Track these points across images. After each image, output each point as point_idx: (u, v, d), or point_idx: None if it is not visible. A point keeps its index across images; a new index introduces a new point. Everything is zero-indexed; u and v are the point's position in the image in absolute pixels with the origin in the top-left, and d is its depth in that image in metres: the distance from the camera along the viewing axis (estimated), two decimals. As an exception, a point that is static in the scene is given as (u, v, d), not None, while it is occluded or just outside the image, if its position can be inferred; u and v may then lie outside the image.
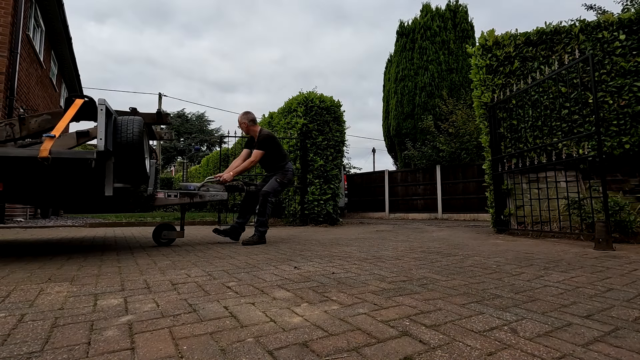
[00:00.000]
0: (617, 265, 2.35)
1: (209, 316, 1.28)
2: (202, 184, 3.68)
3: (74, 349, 0.99)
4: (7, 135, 2.86)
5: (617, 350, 0.97)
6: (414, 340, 1.04)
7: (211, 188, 3.62)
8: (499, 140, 5.03)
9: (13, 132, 2.88)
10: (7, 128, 2.87)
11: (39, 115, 2.95)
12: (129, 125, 2.82)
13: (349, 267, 2.32)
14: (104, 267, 2.36)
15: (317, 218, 7.65)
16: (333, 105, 8.23)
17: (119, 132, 2.76)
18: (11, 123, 2.88)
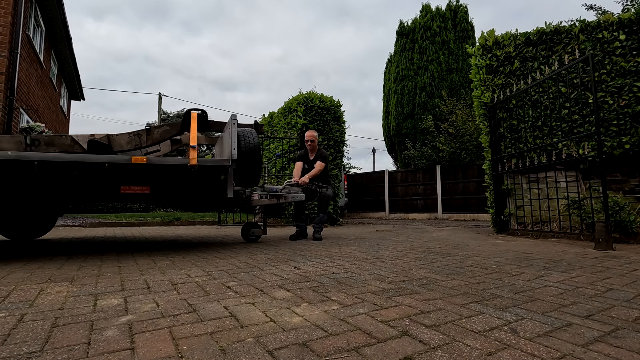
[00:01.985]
0: (617, 265, 2.35)
1: (209, 316, 1.28)
2: (284, 186, 4.09)
3: (74, 349, 0.99)
4: (136, 144, 3.31)
5: (617, 351, 0.97)
6: (414, 340, 1.04)
7: (292, 190, 4.04)
8: (499, 140, 5.03)
9: (140, 142, 3.33)
10: (136, 138, 3.32)
11: (160, 127, 3.41)
12: (249, 136, 3.42)
13: (349, 267, 2.32)
14: (104, 267, 2.36)
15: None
16: (333, 105, 8.23)
17: (242, 142, 3.29)
18: (139, 133, 3.32)
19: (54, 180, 2.86)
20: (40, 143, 3.08)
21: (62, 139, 3.17)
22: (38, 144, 3.06)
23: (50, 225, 4.74)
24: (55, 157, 2.63)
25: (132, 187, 3.03)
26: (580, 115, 4.49)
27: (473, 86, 5.41)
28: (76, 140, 3.18)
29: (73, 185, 2.93)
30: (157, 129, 3.37)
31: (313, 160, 4.66)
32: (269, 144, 8.63)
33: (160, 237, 4.96)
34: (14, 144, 2.99)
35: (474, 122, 10.67)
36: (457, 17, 14.77)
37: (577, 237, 3.98)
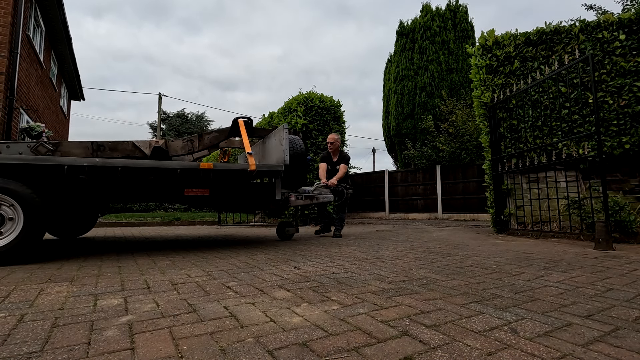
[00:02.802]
0: (617, 265, 2.35)
1: (209, 316, 1.28)
2: (315, 187, 4.40)
3: (74, 349, 0.99)
4: (189, 149, 3.56)
5: (617, 350, 0.97)
6: (414, 340, 1.04)
7: (322, 191, 4.30)
8: (499, 140, 5.03)
9: (192, 147, 3.57)
10: (189, 144, 3.56)
11: (210, 133, 3.67)
12: (296, 143, 3.76)
13: (349, 267, 2.32)
14: (103, 267, 2.36)
15: (317, 218, 7.65)
16: (333, 105, 8.23)
17: (290, 148, 3.53)
18: (191, 139, 3.58)
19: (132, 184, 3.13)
20: (105, 148, 3.25)
21: (124, 144, 3.37)
22: (103, 149, 3.24)
23: (92, 224, 4.94)
24: (136, 164, 2.89)
25: (194, 189, 3.30)
26: (580, 115, 4.49)
27: (473, 86, 5.41)
28: (137, 146, 3.39)
29: (146, 188, 3.20)
30: (207, 135, 3.65)
31: (336, 162, 5.02)
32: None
33: (160, 237, 4.96)
34: (82, 149, 3.15)
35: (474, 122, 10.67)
36: (457, 17, 14.77)
37: (577, 237, 3.98)
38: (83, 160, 2.69)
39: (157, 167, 2.95)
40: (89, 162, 2.69)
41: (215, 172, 3.10)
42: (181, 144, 3.54)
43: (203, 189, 3.32)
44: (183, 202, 3.70)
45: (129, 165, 2.84)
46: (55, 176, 2.76)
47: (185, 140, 3.54)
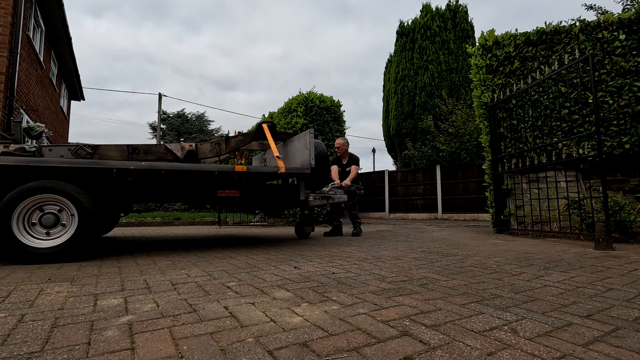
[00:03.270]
0: (617, 265, 2.35)
1: (209, 316, 1.28)
2: (330, 188, 4.58)
3: (74, 349, 0.99)
4: (216, 152, 3.74)
5: (617, 350, 0.97)
6: (414, 340, 1.04)
7: (337, 192, 4.45)
8: (499, 140, 5.03)
9: (220, 150, 3.74)
10: (216, 147, 3.73)
11: (236, 137, 3.86)
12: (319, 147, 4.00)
13: (349, 267, 2.32)
14: (104, 267, 2.36)
15: (317, 218, 7.65)
16: (333, 105, 8.23)
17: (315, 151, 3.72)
18: (219, 143, 3.76)
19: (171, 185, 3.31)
20: (139, 151, 3.42)
21: (157, 147, 3.55)
22: (138, 152, 3.41)
23: (115, 223, 5.11)
24: (178, 167, 3.07)
25: (226, 191, 3.46)
26: (580, 115, 4.49)
27: (473, 86, 5.41)
28: (169, 149, 3.56)
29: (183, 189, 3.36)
30: (234, 139, 3.85)
31: (346, 164, 5.25)
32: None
33: (160, 237, 4.96)
34: (118, 152, 3.32)
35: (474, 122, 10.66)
36: (457, 17, 14.76)
37: (577, 237, 3.98)
38: (130, 164, 2.86)
39: (196, 170, 3.15)
40: (136, 165, 2.85)
41: (248, 174, 3.29)
42: (209, 147, 3.72)
43: (234, 191, 3.48)
44: (215, 203, 3.94)
45: (171, 168, 3.02)
46: (104, 178, 2.90)
47: (213, 144, 3.73)
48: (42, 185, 2.57)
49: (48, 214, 2.62)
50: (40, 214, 2.61)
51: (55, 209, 2.65)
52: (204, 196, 3.44)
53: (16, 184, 2.56)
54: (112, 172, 2.79)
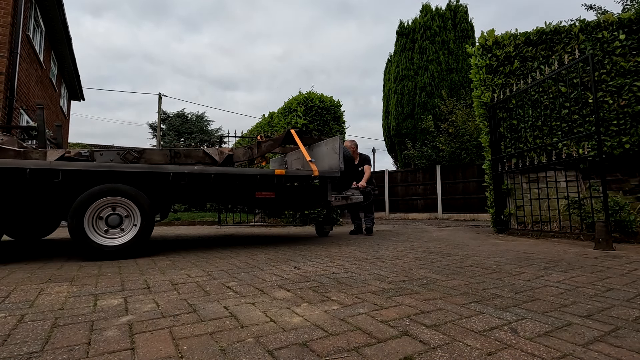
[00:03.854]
0: (617, 265, 2.35)
1: (209, 316, 1.28)
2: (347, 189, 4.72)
3: (74, 349, 0.99)
4: (249, 156, 3.95)
5: (617, 350, 0.97)
6: (414, 340, 1.04)
7: (354, 193, 4.60)
8: (499, 140, 5.03)
9: (252, 154, 3.94)
10: (249, 151, 3.93)
11: (266, 142, 4.03)
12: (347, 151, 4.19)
13: (349, 267, 2.32)
14: (104, 267, 2.36)
15: (317, 218, 7.65)
16: (333, 105, 8.23)
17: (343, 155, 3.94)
18: (251, 147, 3.96)
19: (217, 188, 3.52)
20: (180, 155, 3.60)
21: (196, 151, 3.72)
22: (179, 156, 3.59)
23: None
24: (226, 171, 3.25)
25: (263, 192, 3.69)
26: (580, 115, 4.49)
27: (473, 86, 5.41)
28: (207, 153, 3.74)
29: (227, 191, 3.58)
30: (264, 143, 4.05)
31: (358, 164, 5.30)
32: (269, 144, 8.63)
33: (160, 237, 4.96)
34: (162, 156, 3.51)
35: (474, 122, 10.66)
36: (457, 17, 14.76)
37: (577, 236, 3.98)
38: (184, 168, 3.02)
39: (241, 174, 3.37)
40: (189, 169, 3.02)
41: (286, 177, 3.50)
42: (243, 151, 3.93)
43: (270, 192, 3.72)
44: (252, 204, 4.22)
45: (220, 172, 3.20)
46: (161, 182, 3.09)
47: (246, 148, 3.96)
48: (110, 188, 2.75)
49: (114, 215, 2.79)
50: (107, 215, 2.78)
51: (121, 211, 2.83)
52: (244, 197, 3.70)
53: (86, 186, 2.73)
54: (169, 176, 2.96)
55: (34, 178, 2.64)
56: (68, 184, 2.76)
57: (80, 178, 2.78)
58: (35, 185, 2.74)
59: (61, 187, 2.79)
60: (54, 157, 3.02)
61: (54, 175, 2.61)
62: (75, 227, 2.60)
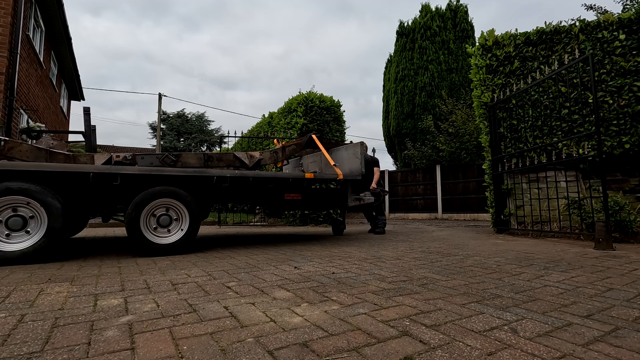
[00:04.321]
0: (617, 265, 2.35)
1: (209, 316, 1.28)
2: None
3: (74, 349, 0.99)
4: (275, 159, 4.22)
5: (617, 350, 0.97)
6: (414, 340, 1.04)
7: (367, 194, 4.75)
8: (499, 140, 5.03)
9: (277, 157, 4.21)
10: (275, 155, 4.21)
11: (290, 146, 4.38)
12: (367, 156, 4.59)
13: (349, 267, 2.32)
14: (104, 267, 2.36)
15: (317, 218, 7.65)
16: (333, 105, 8.23)
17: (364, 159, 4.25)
18: (276, 151, 4.23)
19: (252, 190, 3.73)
20: (213, 159, 3.80)
21: (227, 155, 3.96)
22: (212, 160, 3.79)
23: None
24: (262, 175, 3.51)
25: (291, 194, 3.92)
26: (580, 115, 4.49)
27: (473, 86, 5.41)
28: (237, 157, 3.96)
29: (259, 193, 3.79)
30: (288, 148, 4.35)
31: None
32: (269, 144, 8.63)
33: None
34: (196, 160, 3.71)
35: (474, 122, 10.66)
36: (457, 17, 14.76)
37: (577, 236, 3.98)
38: (226, 172, 3.27)
39: (276, 177, 3.70)
40: (231, 173, 3.26)
41: (315, 180, 3.81)
42: (269, 155, 4.19)
43: (298, 194, 3.95)
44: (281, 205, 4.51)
45: (257, 175, 3.45)
46: (206, 184, 3.31)
47: (272, 152, 4.23)
48: (164, 190, 2.97)
49: (164, 215, 3.00)
50: (159, 215, 2.98)
51: (170, 212, 3.04)
52: (274, 199, 3.91)
53: (139, 189, 2.92)
54: (213, 179, 3.20)
55: (97, 181, 2.80)
56: (124, 186, 2.94)
57: (135, 181, 2.97)
58: (95, 187, 2.92)
59: (118, 189, 2.98)
60: (100, 160, 3.23)
61: (114, 179, 2.83)
62: (131, 223, 2.82)
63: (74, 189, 2.86)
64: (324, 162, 4.73)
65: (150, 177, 3.00)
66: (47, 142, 3.49)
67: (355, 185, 4.42)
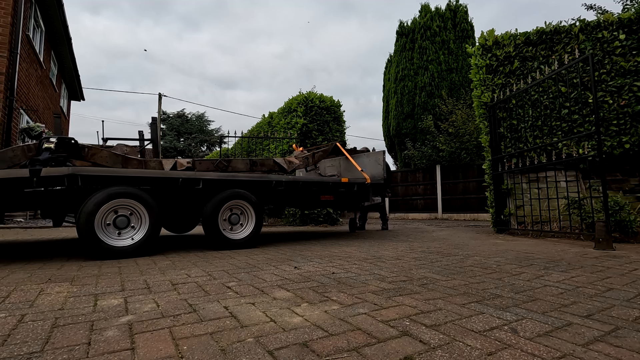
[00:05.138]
0: (617, 265, 2.35)
1: (209, 316, 1.28)
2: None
3: (74, 349, 0.99)
4: (306, 165, 4.68)
5: (617, 350, 0.97)
6: (414, 340, 1.04)
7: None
8: (499, 140, 5.03)
9: (308, 162, 4.68)
10: (306, 160, 4.64)
11: (318, 152, 4.86)
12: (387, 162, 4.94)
13: (349, 267, 2.32)
14: (104, 267, 2.36)
15: (317, 218, 7.65)
16: (333, 105, 8.23)
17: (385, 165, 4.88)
18: (307, 157, 4.68)
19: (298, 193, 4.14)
20: (257, 164, 4.15)
21: (268, 160, 4.30)
22: (256, 165, 4.14)
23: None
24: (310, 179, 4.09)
25: (326, 195, 4.40)
26: (580, 114, 4.49)
27: (473, 86, 5.41)
28: (277, 162, 4.30)
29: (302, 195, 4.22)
30: (317, 154, 4.81)
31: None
32: (268, 144, 8.64)
33: (160, 237, 4.96)
34: (243, 165, 4.06)
35: (474, 122, 10.66)
36: (457, 17, 14.76)
37: (577, 236, 3.98)
38: (282, 177, 3.72)
39: (319, 181, 4.20)
40: (286, 178, 3.72)
41: (349, 184, 4.31)
42: (303, 161, 4.61)
43: (331, 196, 4.42)
44: (317, 205, 5.04)
45: (306, 180, 3.97)
46: (265, 187, 3.70)
47: (303, 158, 4.64)
48: (238, 193, 3.38)
49: (235, 215, 3.42)
50: (229, 215, 3.39)
51: (238, 212, 3.45)
52: (313, 200, 4.40)
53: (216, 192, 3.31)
54: (272, 183, 3.63)
55: (184, 185, 3.17)
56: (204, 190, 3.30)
57: (213, 185, 3.34)
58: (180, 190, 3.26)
59: (198, 192, 3.33)
60: (168, 166, 3.57)
61: (196, 183, 3.20)
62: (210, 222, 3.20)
63: (165, 192, 3.22)
64: (342, 166, 5.29)
65: (226, 182, 3.40)
66: (121, 149, 3.78)
67: (376, 188, 4.87)
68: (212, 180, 3.29)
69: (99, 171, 2.81)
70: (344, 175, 5.13)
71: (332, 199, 4.44)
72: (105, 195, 2.71)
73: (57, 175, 2.59)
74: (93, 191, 2.73)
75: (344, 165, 5.30)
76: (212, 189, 3.32)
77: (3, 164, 2.89)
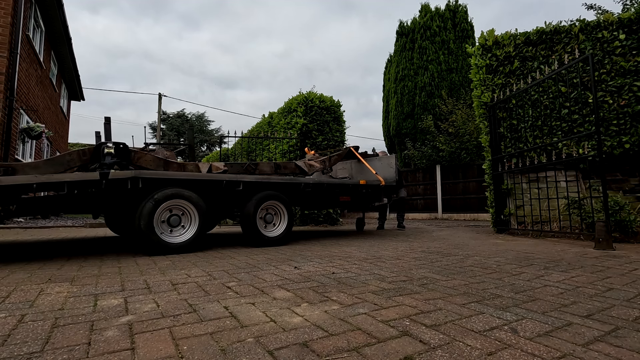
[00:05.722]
0: (617, 264, 2.35)
1: (209, 316, 1.28)
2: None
3: (74, 349, 0.99)
4: (324, 167, 4.91)
5: (617, 350, 0.97)
6: (414, 340, 1.04)
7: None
8: (499, 140, 5.03)
9: (325, 166, 4.91)
10: (324, 164, 4.88)
11: (333, 156, 5.11)
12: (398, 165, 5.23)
13: (349, 267, 2.32)
14: (104, 267, 2.36)
15: (317, 218, 7.65)
16: (333, 105, 8.23)
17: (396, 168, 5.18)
18: (324, 161, 4.90)
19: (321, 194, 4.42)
20: (280, 168, 4.38)
21: (290, 164, 4.51)
22: (279, 168, 4.36)
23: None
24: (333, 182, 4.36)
25: (344, 197, 4.70)
26: (580, 114, 4.49)
27: (473, 86, 5.41)
28: (298, 165, 4.53)
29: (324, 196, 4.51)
30: (332, 158, 5.06)
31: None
32: (269, 144, 8.63)
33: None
34: (269, 168, 4.27)
35: (474, 122, 10.66)
36: (457, 17, 14.76)
37: (577, 236, 3.98)
38: (309, 179, 3.99)
39: (341, 183, 4.46)
40: (312, 180, 4.01)
41: (366, 186, 4.55)
42: (321, 165, 4.87)
43: (348, 197, 4.72)
44: (335, 205, 5.29)
45: (330, 182, 4.22)
46: (294, 189, 3.97)
47: (321, 161, 4.89)
48: (273, 194, 3.66)
49: (269, 214, 3.69)
50: (265, 214, 3.65)
51: (272, 212, 3.72)
52: (333, 201, 4.70)
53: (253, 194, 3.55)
54: (301, 185, 3.89)
55: (227, 187, 3.40)
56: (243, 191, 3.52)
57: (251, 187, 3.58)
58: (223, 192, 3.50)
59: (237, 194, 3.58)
60: (204, 169, 3.76)
61: (237, 185, 3.43)
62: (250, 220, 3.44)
63: (210, 194, 3.44)
64: (354, 169, 5.58)
65: (261, 184, 3.66)
66: (162, 153, 4.00)
67: (387, 190, 5.15)
68: (250, 183, 3.54)
69: (157, 174, 3.04)
70: (356, 177, 5.41)
71: (349, 200, 4.73)
72: (163, 196, 2.96)
73: (122, 178, 2.79)
74: (149, 192, 2.94)
75: (355, 168, 5.59)
76: (250, 191, 3.56)
77: (60, 167, 3.05)
